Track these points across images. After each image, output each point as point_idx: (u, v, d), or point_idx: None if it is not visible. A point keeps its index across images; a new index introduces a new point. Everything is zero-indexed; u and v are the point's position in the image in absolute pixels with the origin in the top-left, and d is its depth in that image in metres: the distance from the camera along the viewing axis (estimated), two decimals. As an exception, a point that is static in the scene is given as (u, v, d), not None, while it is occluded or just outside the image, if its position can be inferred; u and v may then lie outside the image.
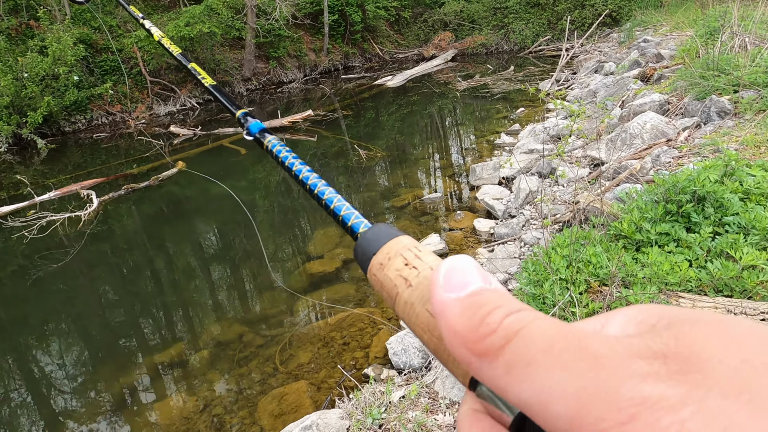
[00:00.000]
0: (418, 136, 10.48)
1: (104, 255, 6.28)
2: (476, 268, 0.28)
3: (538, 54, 19.66)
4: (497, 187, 5.85)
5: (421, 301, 0.32)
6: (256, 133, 0.70)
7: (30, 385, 4.08)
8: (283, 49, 19.11)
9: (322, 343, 3.79)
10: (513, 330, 0.23)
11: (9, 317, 5.19)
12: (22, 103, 12.43)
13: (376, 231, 0.39)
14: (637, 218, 2.84)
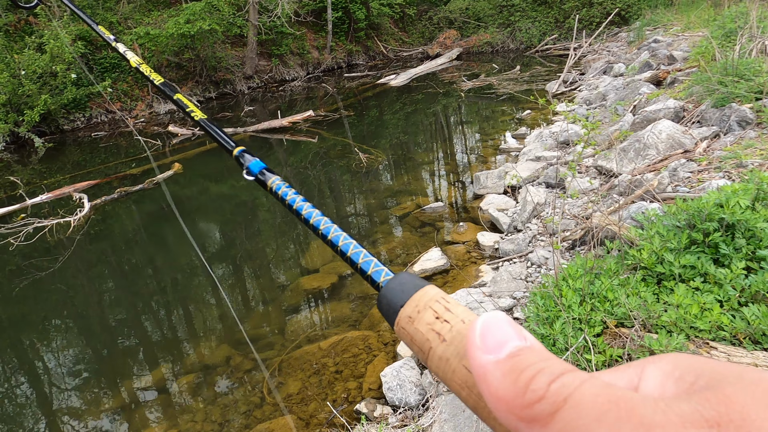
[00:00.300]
0: (421, 139, 10.20)
1: (91, 264, 6.05)
2: (511, 324, 0.28)
3: (545, 53, 19.31)
4: (502, 196, 5.58)
5: (457, 356, 0.32)
6: (257, 173, 0.65)
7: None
8: (286, 47, 18.84)
9: (313, 371, 3.53)
10: (561, 396, 0.23)
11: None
12: (20, 101, 12.24)
13: (400, 281, 0.38)
14: (658, 247, 2.56)
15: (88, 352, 4.46)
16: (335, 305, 4.41)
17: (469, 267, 4.44)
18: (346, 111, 13.01)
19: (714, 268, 2.37)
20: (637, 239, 2.83)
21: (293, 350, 3.86)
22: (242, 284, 5.27)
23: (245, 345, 4.11)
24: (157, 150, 10.91)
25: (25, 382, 4.13)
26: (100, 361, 4.28)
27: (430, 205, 5.91)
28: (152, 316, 4.93)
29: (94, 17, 15.57)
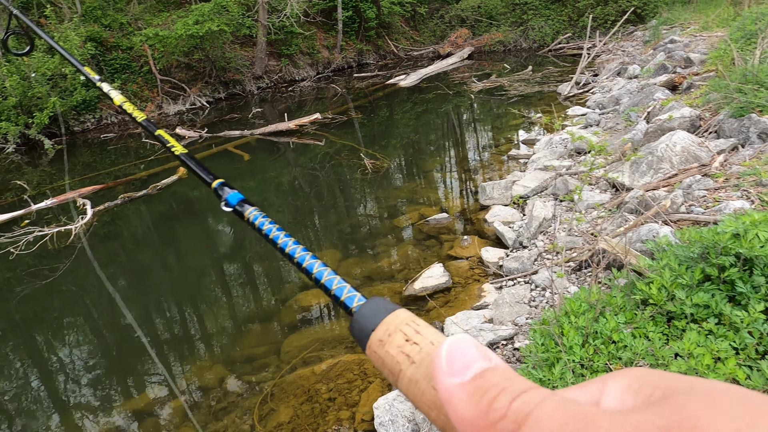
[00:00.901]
0: (429, 144, 10.02)
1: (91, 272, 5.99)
2: (475, 346, 0.29)
3: (558, 52, 18.97)
4: (508, 208, 5.39)
5: (425, 378, 0.33)
6: (235, 205, 0.67)
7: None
8: (296, 47, 18.74)
9: (306, 397, 3.40)
10: (522, 414, 0.24)
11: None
12: (30, 103, 12.30)
13: (372, 306, 0.39)
14: (669, 282, 2.38)
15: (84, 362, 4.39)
16: (333, 324, 4.28)
17: (471, 285, 4.28)
18: (354, 113, 12.87)
19: (729, 308, 2.19)
20: (647, 270, 2.64)
21: (288, 373, 3.74)
22: (238, 298, 5.16)
23: (241, 365, 4.00)
24: (163, 154, 10.86)
25: (25, 384, 4.06)
26: (97, 375, 4.20)
27: (434, 216, 5.74)
28: (147, 330, 4.84)
29: (104, 18, 15.61)
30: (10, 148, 12.09)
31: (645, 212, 3.54)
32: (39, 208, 7.52)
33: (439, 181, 7.55)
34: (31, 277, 5.69)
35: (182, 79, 16.06)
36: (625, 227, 3.54)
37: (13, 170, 11.16)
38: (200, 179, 0.75)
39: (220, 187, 0.71)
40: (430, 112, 12.59)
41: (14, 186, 9.44)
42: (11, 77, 11.74)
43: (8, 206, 8.05)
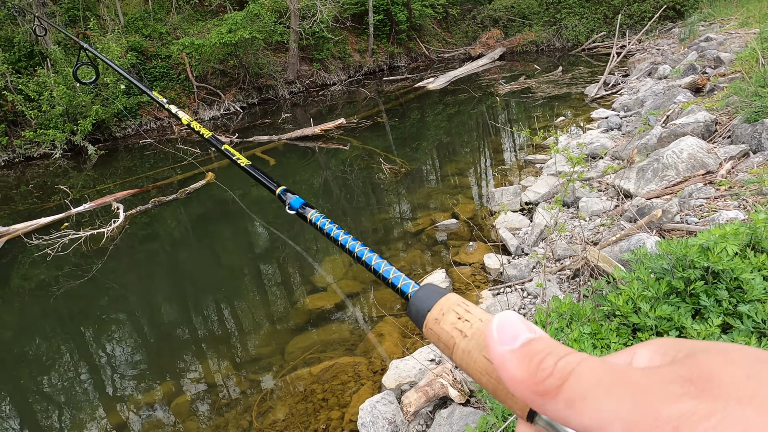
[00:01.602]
0: (448, 149, 10.06)
1: (120, 275, 6.38)
2: (521, 320, 0.34)
3: (592, 51, 18.57)
4: (517, 215, 5.42)
5: (477, 349, 0.38)
6: (298, 208, 0.75)
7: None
8: (327, 51, 19.07)
9: (301, 396, 3.58)
10: (566, 371, 0.29)
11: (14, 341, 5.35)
12: (75, 112, 13.04)
13: (427, 290, 0.45)
14: (636, 294, 2.42)
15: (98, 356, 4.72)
16: (336, 327, 4.44)
17: (471, 292, 4.36)
18: (379, 117, 13.03)
19: (691, 322, 2.21)
20: (622, 282, 2.68)
21: (289, 373, 3.92)
22: (251, 299, 5.40)
23: (246, 364, 4.21)
24: (197, 158, 11.33)
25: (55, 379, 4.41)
26: (110, 369, 4.51)
27: (443, 221, 5.83)
28: (163, 327, 5.14)
29: (145, 29, 16.36)
30: (57, 154, 12.87)
31: (639, 221, 3.54)
32: (77, 211, 8.03)
33: (454, 185, 7.61)
34: (67, 277, 6.11)
35: (217, 85, 16.64)
36: (617, 236, 3.55)
37: (60, 174, 11.88)
38: (265, 187, 0.84)
39: (283, 193, 0.79)
40: (455, 115, 12.62)
41: (59, 190, 10.09)
42: (58, 87, 12.49)
43: (54, 209, 8.62)
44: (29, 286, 6.28)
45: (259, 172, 0.88)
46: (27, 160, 12.86)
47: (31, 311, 5.81)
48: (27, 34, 13.52)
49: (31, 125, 12.80)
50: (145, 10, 17.15)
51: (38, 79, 12.73)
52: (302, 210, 0.75)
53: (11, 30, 13.63)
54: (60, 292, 5.83)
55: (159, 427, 3.67)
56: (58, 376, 4.56)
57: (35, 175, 11.79)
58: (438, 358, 3.27)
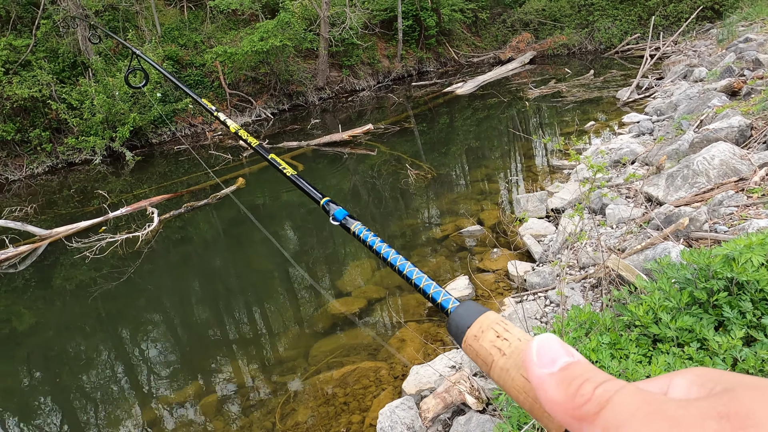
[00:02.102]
0: (475, 154, 10.03)
1: (154, 277, 6.60)
2: (560, 344, 0.34)
3: (625, 54, 18.18)
4: (542, 221, 5.38)
5: (515, 368, 0.39)
6: (341, 220, 0.76)
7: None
8: (356, 57, 19.26)
9: (323, 399, 3.65)
10: (604, 399, 0.29)
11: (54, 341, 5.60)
12: (114, 119, 13.55)
13: (466, 308, 0.46)
14: (657, 304, 2.39)
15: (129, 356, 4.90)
16: (359, 332, 4.50)
17: (493, 299, 4.35)
18: (407, 122, 13.08)
19: (713, 333, 2.17)
20: (644, 291, 2.65)
21: (312, 376, 4.00)
22: (279, 303, 5.51)
23: (271, 367, 4.31)
24: (228, 164, 11.62)
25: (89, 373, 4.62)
26: (143, 370, 4.69)
27: (468, 228, 5.83)
28: (193, 328, 5.30)
29: (181, 38, 16.90)
30: (97, 160, 13.39)
31: (665, 230, 3.48)
32: (115, 215, 8.35)
33: (480, 191, 7.59)
34: (105, 278, 6.37)
35: (249, 92, 17.01)
36: (642, 245, 3.50)
37: (99, 179, 12.37)
38: (310, 197, 0.86)
39: (327, 204, 0.81)
40: (484, 120, 12.56)
41: (98, 194, 10.50)
42: (99, 96, 13.02)
43: (94, 212, 8.99)
44: (70, 287, 6.57)
45: (304, 182, 0.90)
46: (69, 165, 13.43)
47: (72, 311, 6.08)
48: (71, 46, 14.14)
49: (73, 132, 13.36)
50: (181, 20, 17.71)
51: (80, 88, 13.29)
52: (345, 222, 0.76)
53: (56, 42, 14.28)
54: (98, 293, 6.08)
55: (188, 424, 3.79)
56: (95, 373, 4.77)
57: (76, 180, 12.30)
58: (458, 365, 3.29)
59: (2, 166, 12.73)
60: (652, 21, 14.22)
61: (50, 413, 4.32)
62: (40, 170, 13.10)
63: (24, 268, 7.07)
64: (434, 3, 20.56)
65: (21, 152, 13.10)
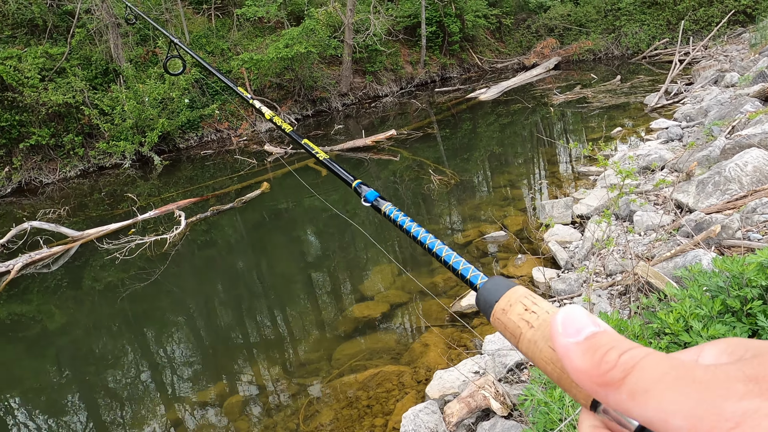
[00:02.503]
0: (498, 160, 9.97)
1: (180, 279, 6.73)
2: (586, 314, 0.34)
3: (653, 59, 17.87)
4: (567, 228, 5.32)
5: (543, 339, 0.39)
6: (373, 201, 0.78)
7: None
8: (380, 64, 19.37)
9: (347, 402, 3.66)
10: (629, 364, 0.29)
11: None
12: (144, 124, 13.90)
13: (495, 282, 0.47)
14: (688, 312, 2.34)
15: (155, 359, 5.00)
16: (382, 336, 4.51)
17: (518, 305, 4.31)
18: (430, 128, 13.09)
19: (747, 342, 2.12)
20: (674, 299, 2.60)
21: (335, 378, 4.02)
22: (302, 306, 5.56)
23: (296, 369, 4.35)
24: (253, 168, 11.79)
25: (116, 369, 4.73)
26: (171, 369, 4.78)
27: (492, 233, 5.79)
28: (218, 330, 5.38)
29: (208, 46, 17.26)
30: (127, 164, 13.73)
31: (695, 237, 3.41)
32: (143, 218, 8.55)
33: (504, 197, 7.54)
34: (132, 279, 6.52)
35: (274, 98, 17.25)
36: (672, 252, 3.43)
37: (128, 183, 12.68)
38: (342, 180, 0.88)
39: (359, 186, 0.82)
40: (507, 126, 12.48)
41: (127, 198, 10.77)
42: (129, 102, 13.37)
43: (123, 215, 9.22)
44: (99, 288, 6.74)
45: (336, 165, 0.92)
46: (100, 169, 13.80)
47: (100, 311, 6.24)
48: (103, 53, 14.57)
49: (104, 137, 13.74)
50: (208, 28, 18.09)
51: (112, 94, 13.67)
52: (376, 202, 0.77)
53: (89, 50, 14.74)
54: (126, 294, 6.23)
55: (212, 424, 3.85)
56: (121, 372, 4.88)
57: (107, 183, 12.63)
58: (482, 370, 3.27)
59: (37, 170, 13.16)
60: (682, 25, 13.95)
61: (78, 410, 4.44)
62: (73, 174, 13.49)
63: (56, 268, 7.28)
64: (458, 9, 20.56)
65: (55, 156, 13.51)
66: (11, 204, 11.62)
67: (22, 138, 12.79)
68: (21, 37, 14.68)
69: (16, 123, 12.76)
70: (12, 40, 14.51)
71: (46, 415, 4.43)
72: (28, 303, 6.56)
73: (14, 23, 14.80)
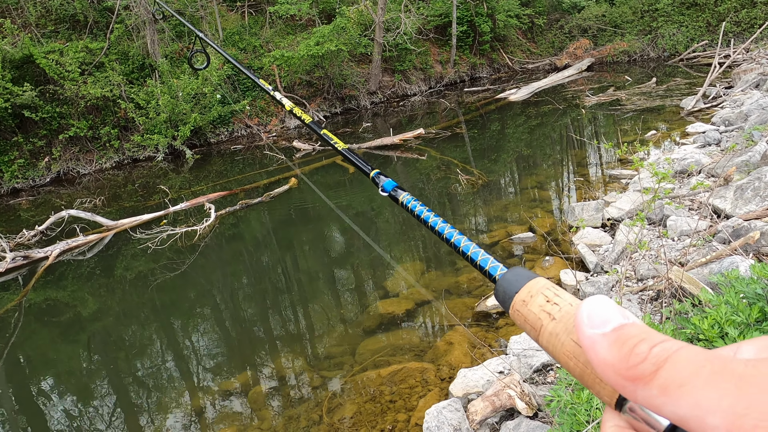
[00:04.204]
0: (529, 160, 9.85)
1: (207, 271, 6.86)
2: (613, 305, 0.32)
3: (691, 62, 17.38)
4: (597, 231, 5.23)
5: (565, 332, 0.37)
6: (390, 191, 0.77)
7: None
8: (409, 62, 19.36)
9: (369, 396, 3.69)
10: (662, 357, 0.27)
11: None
12: (177, 119, 14.21)
13: (515, 273, 0.45)
14: (723, 318, 2.28)
15: (183, 346, 5.11)
16: (406, 332, 4.52)
17: (544, 307, 4.26)
18: (458, 128, 13.02)
19: (786, 351, 2.05)
20: (709, 305, 2.53)
21: (358, 373, 4.05)
22: (327, 301, 5.60)
23: (320, 361, 4.40)
24: (281, 164, 11.93)
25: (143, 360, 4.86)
26: (197, 358, 4.88)
27: (519, 235, 5.74)
28: (244, 322, 5.47)
29: (241, 43, 17.53)
30: (159, 157, 14.07)
31: (733, 243, 3.31)
32: (175, 210, 8.74)
33: (532, 198, 7.45)
34: (162, 269, 6.69)
35: (303, 95, 17.41)
36: (707, 258, 3.34)
37: (161, 176, 12.98)
38: (360, 170, 0.88)
39: (377, 176, 0.82)
40: (537, 127, 12.33)
41: (160, 190, 11.04)
42: (164, 96, 13.69)
43: (155, 206, 9.45)
44: (130, 276, 6.94)
45: (355, 155, 0.92)
46: (134, 161, 14.17)
47: (130, 299, 6.41)
48: (140, 49, 14.94)
49: (138, 130, 14.10)
50: (241, 25, 18.36)
51: (147, 88, 14.01)
52: (394, 192, 0.77)
53: (127, 45, 15.13)
54: (156, 283, 6.39)
55: (237, 412, 3.92)
56: (149, 360, 5.01)
57: (140, 175, 12.96)
58: (506, 370, 3.25)
59: (75, 161, 13.59)
60: (722, 27, 13.52)
61: (106, 395, 4.57)
62: (108, 165, 13.88)
63: (91, 255, 7.51)
64: (490, 9, 20.38)
65: (92, 148, 13.93)
66: (50, 193, 12.03)
67: (61, 129, 13.23)
68: (63, 32, 15.18)
69: (56, 115, 13.20)
70: (55, 35, 15.02)
71: (75, 397, 4.58)
72: (63, 289, 6.79)
73: (57, 18, 15.31)
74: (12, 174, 12.45)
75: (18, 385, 4.90)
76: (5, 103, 11.92)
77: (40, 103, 12.79)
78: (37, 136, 13.07)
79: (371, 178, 0.83)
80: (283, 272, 6.77)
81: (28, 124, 13.11)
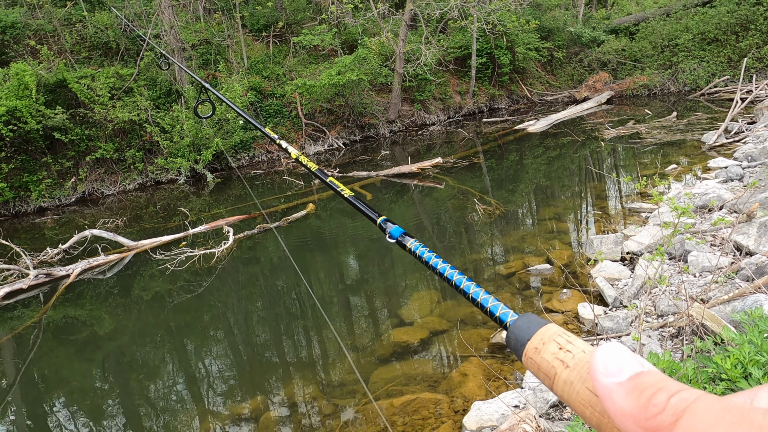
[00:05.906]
0: (546, 192, 9.82)
1: (223, 294, 6.91)
2: (628, 353, 0.32)
3: (712, 96, 17.30)
4: (616, 264, 5.15)
5: (580, 380, 0.37)
6: (398, 237, 0.77)
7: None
8: (429, 93, 19.63)
9: (382, 426, 3.63)
10: (680, 408, 0.27)
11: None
12: (200, 143, 14.55)
13: (525, 320, 0.45)
14: (747, 358, 2.21)
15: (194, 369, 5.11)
16: (420, 362, 4.47)
17: (561, 340, 4.18)
18: (476, 158, 13.08)
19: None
20: (731, 343, 2.47)
21: (371, 402, 4.00)
22: (340, 327, 5.58)
23: (332, 388, 4.36)
24: (300, 189, 12.08)
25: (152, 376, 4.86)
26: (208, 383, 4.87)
27: (536, 266, 5.68)
28: (257, 346, 5.46)
29: (265, 71, 18.00)
30: (181, 180, 14.36)
31: (756, 281, 3.24)
32: (194, 232, 8.87)
33: (550, 230, 7.39)
34: (179, 291, 6.75)
35: (323, 122, 17.72)
36: (730, 295, 3.26)
37: (182, 198, 13.23)
38: (366, 217, 0.89)
39: (383, 222, 0.82)
40: (555, 159, 12.31)
41: (180, 212, 11.23)
42: (188, 121, 14.06)
43: (175, 228, 9.61)
44: (146, 297, 7.01)
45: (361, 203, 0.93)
46: (156, 183, 14.47)
47: (146, 320, 6.47)
48: (168, 75, 15.44)
49: (162, 153, 14.45)
50: (266, 54, 18.89)
51: (173, 113, 14.42)
52: (402, 239, 0.76)
53: (156, 71, 15.66)
54: (172, 305, 6.45)
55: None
56: (161, 382, 5.02)
57: (161, 197, 13.21)
58: (522, 404, 3.18)
59: (100, 182, 13.94)
60: (744, 63, 13.47)
61: (117, 414, 4.58)
62: (131, 187, 14.20)
63: (111, 275, 7.63)
64: (509, 42, 20.67)
65: (117, 170, 14.29)
66: (74, 212, 12.32)
67: (89, 151, 13.63)
68: (96, 59, 15.79)
69: (85, 137, 13.62)
70: (88, 61, 15.62)
71: (87, 417, 4.59)
72: (82, 307, 6.89)
73: (91, 46, 15.95)
74: (39, 193, 12.81)
75: (32, 402, 4.94)
76: (37, 125, 12.36)
77: (70, 125, 13.23)
78: (65, 158, 13.46)
79: (378, 225, 0.82)
80: (296, 297, 6.78)
81: (57, 145, 13.54)
